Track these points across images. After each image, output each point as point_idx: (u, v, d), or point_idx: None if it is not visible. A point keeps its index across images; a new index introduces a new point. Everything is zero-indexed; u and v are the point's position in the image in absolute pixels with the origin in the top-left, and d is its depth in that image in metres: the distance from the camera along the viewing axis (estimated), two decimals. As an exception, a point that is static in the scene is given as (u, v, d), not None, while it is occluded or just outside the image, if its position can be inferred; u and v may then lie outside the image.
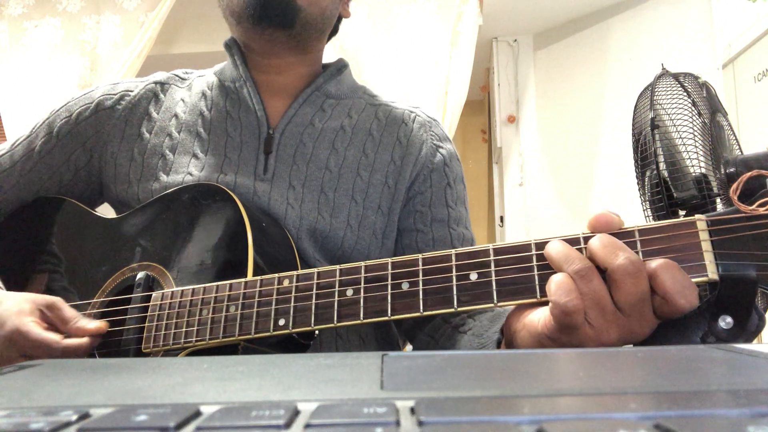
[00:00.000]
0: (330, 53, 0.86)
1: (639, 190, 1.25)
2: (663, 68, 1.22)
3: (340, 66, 0.81)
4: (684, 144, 1.11)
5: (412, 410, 0.18)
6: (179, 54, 2.96)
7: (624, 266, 0.40)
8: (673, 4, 2.58)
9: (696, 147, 1.10)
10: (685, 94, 1.15)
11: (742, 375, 0.23)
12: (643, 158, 1.20)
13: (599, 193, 2.77)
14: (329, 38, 0.84)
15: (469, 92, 2.49)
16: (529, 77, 3.13)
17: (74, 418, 0.18)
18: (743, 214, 0.41)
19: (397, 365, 0.26)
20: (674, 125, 1.13)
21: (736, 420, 0.16)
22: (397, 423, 0.17)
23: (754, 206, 0.40)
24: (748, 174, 0.41)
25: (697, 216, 0.42)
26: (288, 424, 0.17)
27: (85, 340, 0.59)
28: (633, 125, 1.24)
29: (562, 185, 2.98)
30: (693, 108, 1.13)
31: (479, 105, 3.77)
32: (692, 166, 1.10)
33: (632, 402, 0.18)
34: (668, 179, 1.12)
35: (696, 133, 1.10)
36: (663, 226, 0.43)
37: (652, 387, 0.21)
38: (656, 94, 1.17)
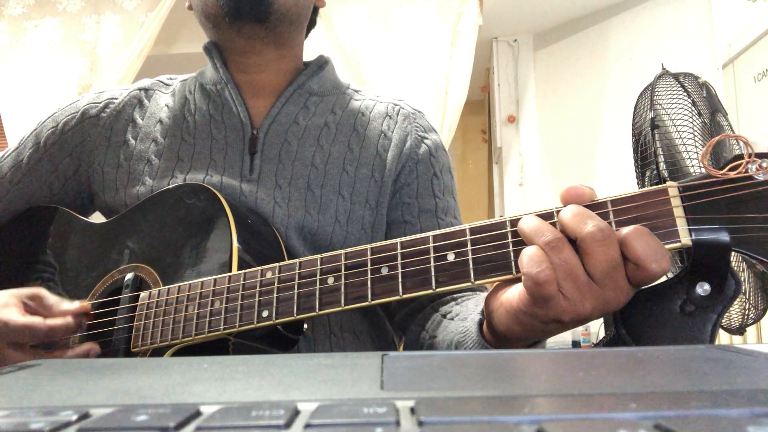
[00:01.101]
0: (330, 53, 0.86)
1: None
2: (663, 68, 1.22)
3: (322, 62, 0.81)
4: (684, 144, 1.11)
5: (412, 410, 0.18)
6: (179, 54, 2.97)
7: (593, 233, 0.40)
8: (673, 4, 2.59)
9: (696, 147, 1.10)
10: (685, 94, 1.15)
11: (742, 375, 0.23)
12: (643, 158, 1.20)
13: (599, 193, 2.77)
14: (308, 31, 0.84)
15: (469, 92, 2.49)
16: (529, 77, 3.13)
17: (74, 418, 0.18)
18: (714, 179, 0.41)
19: (397, 365, 0.26)
20: (674, 125, 1.13)
21: (736, 420, 0.16)
22: (397, 423, 0.17)
23: (724, 170, 0.40)
24: (717, 138, 0.41)
25: (668, 183, 0.42)
26: (288, 424, 0.17)
27: (68, 319, 0.59)
28: (633, 125, 1.24)
29: (562, 185, 2.95)
30: (693, 108, 1.13)
31: (479, 105, 3.77)
32: (692, 166, 1.10)
33: (632, 402, 0.18)
34: (668, 179, 1.12)
35: (696, 133, 1.11)
36: (635, 195, 0.43)
37: (652, 387, 0.21)
38: (656, 94, 1.17)
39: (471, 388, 0.21)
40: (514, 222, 0.45)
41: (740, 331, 1.29)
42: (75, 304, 0.61)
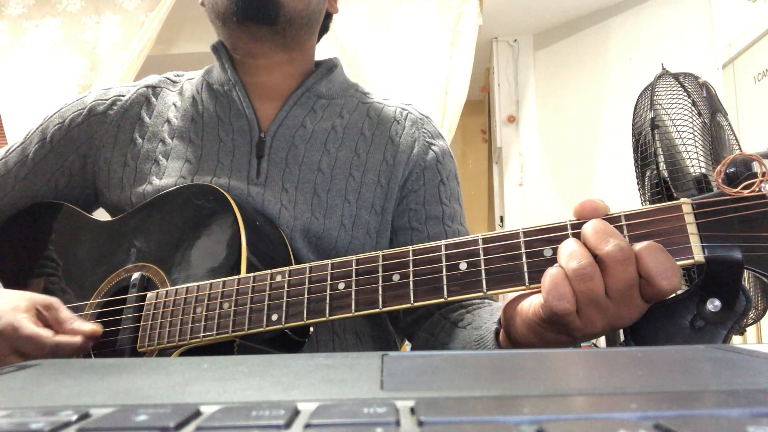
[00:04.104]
0: (330, 53, 0.85)
1: (639, 190, 1.25)
2: (663, 68, 1.22)
3: (331, 65, 0.80)
4: (684, 144, 1.11)
5: (412, 410, 0.18)
6: (179, 54, 2.96)
7: (613, 253, 0.40)
8: (673, 4, 2.58)
9: (696, 147, 1.10)
10: (685, 94, 1.15)
11: (742, 375, 0.23)
12: (643, 158, 1.20)
13: (599, 193, 2.77)
14: (320, 36, 0.84)
15: (469, 92, 2.49)
16: (529, 77, 3.13)
17: (74, 418, 0.18)
18: (728, 197, 0.41)
19: (397, 365, 0.26)
20: (674, 125, 1.13)
21: (736, 420, 0.16)
22: (397, 423, 0.17)
23: (738, 188, 0.40)
24: (733, 155, 0.42)
25: (682, 199, 0.42)
26: (288, 424, 0.17)
27: (77, 338, 0.59)
28: (633, 125, 1.24)
29: (562, 185, 2.98)
30: (693, 108, 1.13)
31: (479, 105, 3.77)
32: (692, 166, 1.10)
33: (632, 402, 0.18)
34: (668, 179, 1.12)
35: (696, 133, 1.10)
36: (649, 210, 0.43)
37: (652, 387, 0.21)
38: (656, 94, 1.17)
39: (471, 388, 0.21)
40: (528, 233, 0.45)
41: (740, 331, 1.29)
42: (87, 326, 0.60)
